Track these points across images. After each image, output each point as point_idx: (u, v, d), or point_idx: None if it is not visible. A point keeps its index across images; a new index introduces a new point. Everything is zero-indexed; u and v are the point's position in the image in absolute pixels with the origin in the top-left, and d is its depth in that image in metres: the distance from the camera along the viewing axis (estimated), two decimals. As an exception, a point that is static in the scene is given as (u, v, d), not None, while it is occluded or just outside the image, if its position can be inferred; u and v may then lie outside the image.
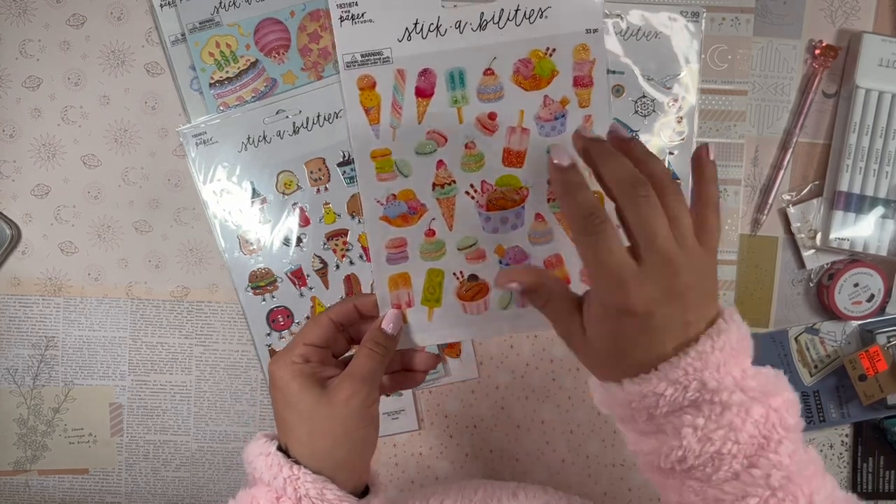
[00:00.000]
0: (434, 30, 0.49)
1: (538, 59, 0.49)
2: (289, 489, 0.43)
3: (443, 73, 0.50)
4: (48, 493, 0.72)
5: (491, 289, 0.51)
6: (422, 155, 0.51)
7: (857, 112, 0.67)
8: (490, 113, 0.50)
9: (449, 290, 0.51)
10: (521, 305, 0.51)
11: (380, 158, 0.51)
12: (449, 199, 0.51)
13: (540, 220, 0.51)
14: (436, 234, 0.51)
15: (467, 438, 0.72)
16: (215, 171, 0.67)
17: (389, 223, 0.51)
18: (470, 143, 0.51)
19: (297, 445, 0.45)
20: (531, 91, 0.50)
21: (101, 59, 0.68)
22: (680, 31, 0.67)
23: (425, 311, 0.51)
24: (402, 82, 0.50)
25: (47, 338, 0.70)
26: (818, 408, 0.71)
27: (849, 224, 0.68)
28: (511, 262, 0.51)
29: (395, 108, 0.50)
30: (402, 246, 0.51)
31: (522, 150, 0.51)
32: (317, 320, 0.48)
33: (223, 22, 0.66)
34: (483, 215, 0.51)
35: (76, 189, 0.69)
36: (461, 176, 0.51)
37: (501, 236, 0.51)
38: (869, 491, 0.72)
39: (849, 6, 0.69)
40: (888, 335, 0.69)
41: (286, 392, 0.46)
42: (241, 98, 0.67)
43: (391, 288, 0.51)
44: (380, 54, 0.50)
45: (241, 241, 0.68)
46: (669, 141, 0.68)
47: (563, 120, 0.50)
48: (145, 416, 0.71)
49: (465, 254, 0.51)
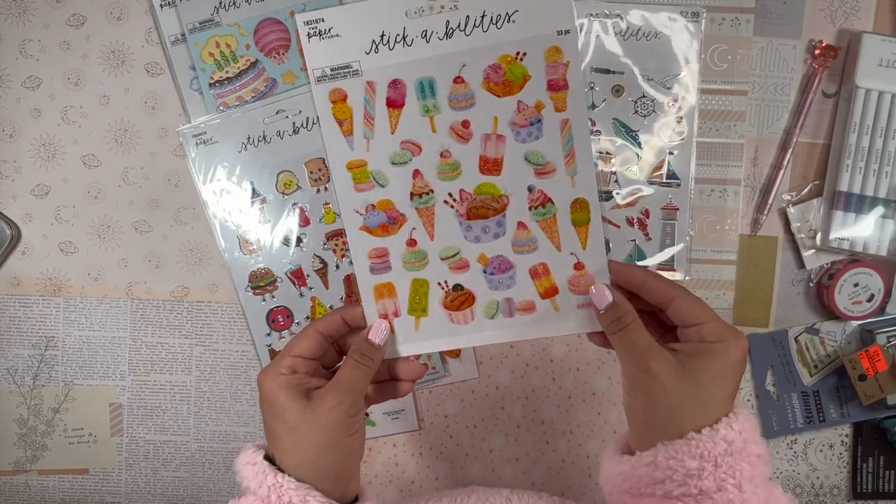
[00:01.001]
0: (401, 41, 0.49)
1: (508, 64, 0.49)
2: (273, 497, 0.44)
3: (412, 83, 0.50)
4: (48, 493, 0.72)
5: (477, 298, 0.51)
6: (397, 165, 0.51)
7: (857, 112, 0.67)
8: (463, 121, 0.50)
9: (435, 299, 0.51)
10: (509, 315, 0.51)
11: (356, 169, 0.51)
12: (428, 209, 0.51)
13: (522, 229, 0.51)
14: (417, 243, 0.51)
15: (467, 438, 0.72)
16: (215, 171, 0.67)
17: (370, 233, 0.51)
18: (445, 151, 0.50)
19: (282, 455, 0.46)
20: (504, 97, 0.49)
21: (101, 59, 0.68)
22: (680, 31, 0.67)
23: (412, 321, 0.51)
24: (372, 94, 0.50)
25: (47, 338, 0.70)
26: (818, 408, 0.71)
27: (849, 224, 0.68)
28: (496, 272, 0.51)
29: (367, 120, 0.50)
30: (384, 256, 0.51)
31: (499, 157, 0.50)
32: (304, 333, 0.49)
33: (223, 22, 0.66)
34: (464, 224, 0.51)
35: (76, 189, 0.69)
36: (438, 185, 0.51)
37: (483, 245, 0.51)
38: (869, 491, 0.72)
39: (849, 6, 0.69)
40: (888, 335, 0.69)
41: (273, 403, 0.46)
42: (241, 98, 0.67)
43: (377, 297, 0.51)
44: (349, 67, 0.50)
45: (241, 241, 0.68)
46: (669, 141, 0.68)
47: (538, 125, 0.50)
48: (145, 416, 0.71)
49: (449, 263, 0.51)
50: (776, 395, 0.71)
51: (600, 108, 0.68)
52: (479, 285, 0.51)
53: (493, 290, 0.51)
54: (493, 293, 0.51)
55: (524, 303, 0.51)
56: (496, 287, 0.51)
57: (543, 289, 0.51)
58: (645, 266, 0.69)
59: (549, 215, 0.50)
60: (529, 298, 0.51)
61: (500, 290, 0.51)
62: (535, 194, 0.50)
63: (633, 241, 0.69)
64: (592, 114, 0.68)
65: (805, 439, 0.72)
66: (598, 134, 0.69)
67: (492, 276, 0.51)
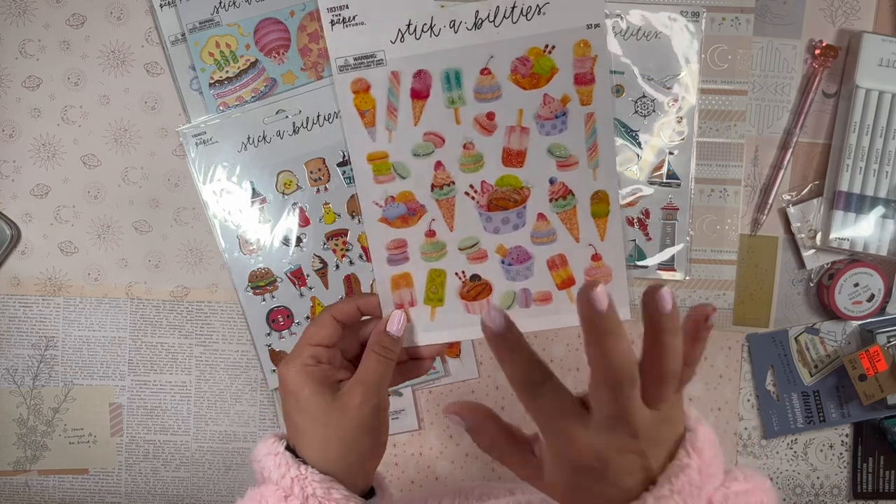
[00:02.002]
0: (428, 30, 0.49)
1: (537, 57, 0.49)
2: (296, 488, 0.44)
3: (438, 74, 0.49)
4: (48, 493, 0.72)
5: (494, 289, 0.51)
6: (419, 157, 0.50)
7: (857, 112, 0.67)
8: (488, 113, 0.50)
9: (451, 289, 0.51)
10: (525, 305, 0.51)
11: (377, 161, 0.51)
12: (448, 200, 0.51)
13: (542, 220, 0.51)
14: (436, 234, 0.51)
15: (467, 438, 0.72)
16: (215, 171, 0.67)
17: (389, 225, 0.51)
18: (468, 143, 0.50)
19: (307, 448, 0.45)
20: (530, 90, 0.49)
21: (101, 59, 0.68)
22: (680, 31, 0.67)
23: (428, 311, 0.51)
24: (396, 84, 0.50)
25: (47, 338, 0.70)
26: (818, 408, 0.71)
27: (849, 224, 0.68)
28: (514, 263, 0.51)
29: (390, 111, 0.50)
30: (402, 247, 0.51)
31: (522, 149, 0.50)
32: (320, 320, 0.48)
33: (223, 22, 0.66)
34: (484, 215, 0.51)
35: (76, 189, 0.69)
36: (460, 177, 0.51)
37: (503, 236, 0.51)
38: (869, 491, 0.72)
39: (849, 6, 0.68)
40: (888, 335, 0.69)
41: (298, 396, 0.46)
42: (241, 98, 0.67)
43: (393, 288, 0.51)
44: (373, 57, 0.49)
45: (241, 241, 0.68)
46: (669, 141, 0.68)
47: (563, 118, 0.50)
48: (145, 416, 0.71)
49: (467, 254, 0.51)
50: (776, 394, 0.71)
51: (600, 108, 0.68)
52: (496, 276, 0.51)
53: (510, 281, 0.51)
54: (510, 283, 0.51)
55: (541, 293, 0.51)
56: (514, 277, 0.51)
57: (560, 280, 0.51)
58: (645, 266, 0.69)
59: (569, 207, 0.50)
60: (546, 289, 0.51)
61: (517, 281, 0.51)
62: (557, 186, 0.50)
63: (633, 241, 0.69)
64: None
65: (805, 439, 0.72)
66: (598, 134, 0.69)
67: (510, 266, 0.51)
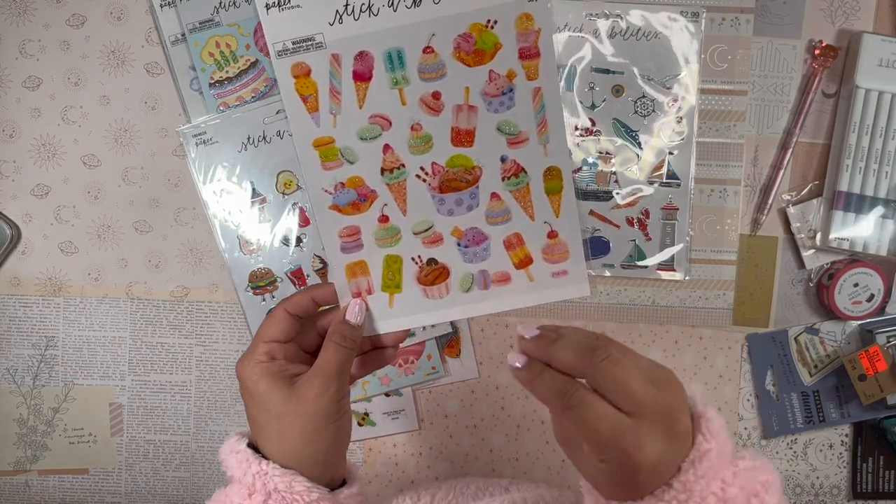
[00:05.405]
0: (366, 10, 0.47)
1: (479, 33, 0.48)
2: (258, 484, 0.44)
3: (380, 55, 0.48)
4: (48, 493, 0.72)
5: (452, 272, 0.51)
6: (366, 140, 0.49)
7: (857, 112, 0.67)
8: (434, 92, 0.49)
9: (409, 275, 0.51)
10: (484, 287, 0.51)
11: (323, 147, 0.49)
12: (399, 184, 0.50)
13: (496, 200, 0.50)
14: (389, 219, 0.50)
15: (467, 438, 0.72)
16: (215, 171, 0.67)
17: (340, 212, 0.50)
18: (416, 124, 0.49)
19: (267, 443, 0.45)
20: (475, 66, 0.48)
21: (101, 59, 0.68)
22: (680, 31, 0.67)
23: (386, 298, 0.51)
24: (338, 67, 0.48)
25: (47, 338, 0.70)
26: (818, 408, 0.71)
27: (849, 224, 0.68)
28: (470, 244, 0.50)
29: (333, 95, 0.49)
30: (355, 234, 0.50)
31: (471, 128, 0.49)
32: (273, 316, 0.48)
33: (223, 22, 0.66)
34: (436, 198, 0.50)
35: (76, 189, 0.69)
36: (410, 159, 0.50)
37: (457, 218, 0.50)
38: (869, 491, 0.72)
39: (849, 6, 0.69)
40: (888, 335, 0.69)
41: (254, 392, 0.46)
42: (241, 98, 0.67)
43: (349, 276, 0.50)
44: (311, 40, 0.48)
45: (241, 241, 0.68)
46: (669, 141, 0.68)
47: (510, 94, 0.49)
48: (145, 416, 0.71)
49: (422, 238, 0.50)
50: (776, 394, 0.71)
51: (600, 108, 0.68)
52: (453, 259, 0.51)
53: (467, 263, 0.51)
54: (467, 266, 0.51)
55: (499, 274, 0.51)
56: (471, 259, 0.51)
57: (518, 259, 0.50)
58: (644, 266, 0.69)
59: (522, 185, 0.50)
60: (504, 269, 0.51)
61: (474, 263, 0.51)
62: (508, 164, 0.50)
63: (633, 241, 0.69)
64: (592, 114, 0.68)
65: (805, 439, 0.72)
66: (598, 134, 0.69)
67: (466, 248, 0.51)
